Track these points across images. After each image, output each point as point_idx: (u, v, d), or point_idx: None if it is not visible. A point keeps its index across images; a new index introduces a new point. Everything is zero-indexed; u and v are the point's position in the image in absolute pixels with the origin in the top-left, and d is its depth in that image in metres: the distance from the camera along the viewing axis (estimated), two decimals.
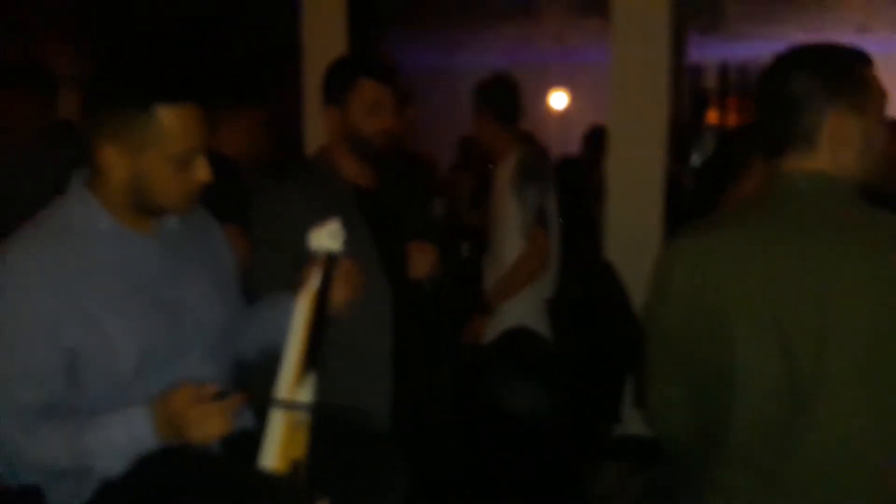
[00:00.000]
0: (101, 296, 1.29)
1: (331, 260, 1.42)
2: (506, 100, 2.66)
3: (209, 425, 1.20)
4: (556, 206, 2.61)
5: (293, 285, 1.52)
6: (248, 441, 1.35)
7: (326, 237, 1.42)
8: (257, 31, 6.05)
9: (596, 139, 5.34)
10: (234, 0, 5.50)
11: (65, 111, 3.04)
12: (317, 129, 3.08)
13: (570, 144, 6.27)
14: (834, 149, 1.19)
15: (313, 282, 1.39)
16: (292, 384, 1.29)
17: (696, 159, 4.84)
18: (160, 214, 1.39)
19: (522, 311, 2.58)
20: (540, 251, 2.54)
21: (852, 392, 1.13)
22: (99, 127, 1.29)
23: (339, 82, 1.88)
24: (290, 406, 1.27)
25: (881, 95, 1.22)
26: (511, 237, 2.57)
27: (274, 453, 1.24)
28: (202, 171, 1.34)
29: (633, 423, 2.78)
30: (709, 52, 8.42)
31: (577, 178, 4.18)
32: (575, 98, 9.23)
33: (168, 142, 1.28)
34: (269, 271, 1.76)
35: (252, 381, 1.49)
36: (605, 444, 2.91)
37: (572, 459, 2.67)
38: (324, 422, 1.30)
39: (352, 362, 1.71)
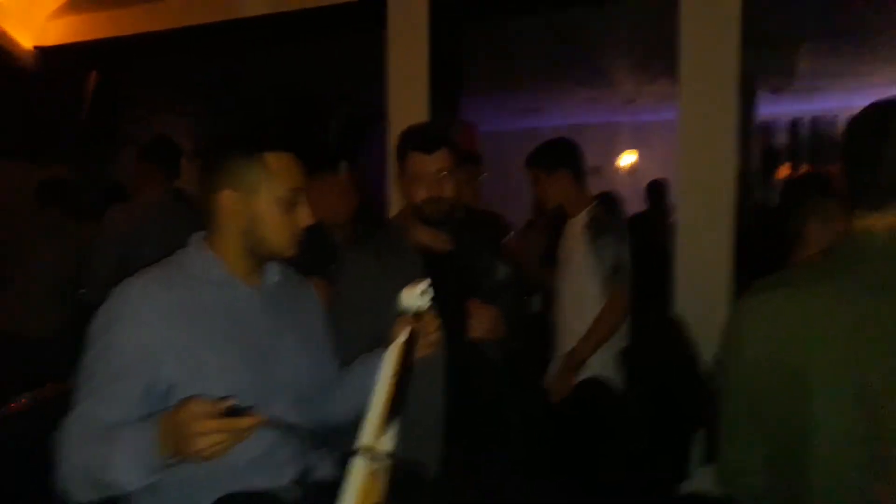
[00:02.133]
0: (203, 333, 1.37)
1: (418, 317, 1.48)
2: (580, 159, 2.76)
3: (210, 440, 1.09)
4: (629, 259, 2.61)
5: (376, 342, 1.55)
6: (326, 489, 1.36)
7: (416, 296, 1.49)
8: (350, 101, 6.32)
9: (656, 191, 5.31)
10: (329, 76, 5.75)
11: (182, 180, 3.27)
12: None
13: (640, 201, 6.20)
14: None
15: (402, 336, 1.44)
16: (377, 433, 1.29)
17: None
18: (268, 257, 1.50)
19: (599, 362, 2.57)
20: (621, 305, 2.55)
21: None
22: (218, 176, 1.45)
23: (398, 156, 1.96)
24: (371, 454, 1.26)
25: None
26: (588, 291, 2.58)
27: (353, 501, 1.23)
28: (304, 216, 1.47)
29: (702, 481, 2.65)
30: (780, 109, 8.21)
31: (647, 231, 4.11)
32: (645, 156, 9.13)
33: (275, 183, 1.43)
34: (349, 331, 1.79)
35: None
36: (674, 501, 2.78)
37: None
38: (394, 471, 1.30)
39: (405, 419, 1.70)
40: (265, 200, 1.43)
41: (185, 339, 1.35)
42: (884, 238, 1.12)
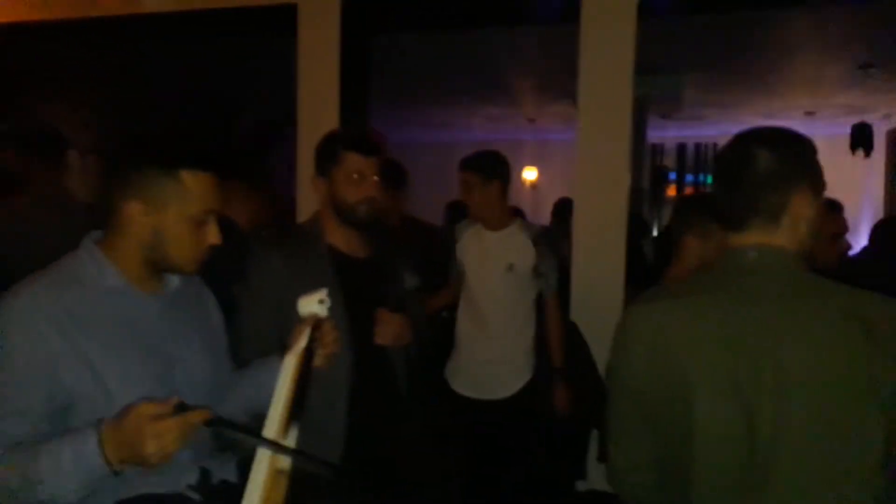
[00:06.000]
0: (101, 343, 1.30)
1: (317, 323, 1.46)
2: (509, 173, 2.76)
3: (165, 441, 1.09)
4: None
5: (278, 345, 1.53)
6: (227, 492, 1.33)
7: (315, 304, 1.48)
8: (257, 107, 6.18)
9: (564, 210, 5.49)
10: (237, 78, 5.61)
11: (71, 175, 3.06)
12: (309, 196, 3.12)
13: (540, 214, 6.38)
14: (793, 226, 1.19)
15: (301, 342, 1.42)
16: (278, 435, 1.27)
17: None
18: (170, 271, 1.43)
19: (534, 364, 2.72)
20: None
21: (808, 451, 1.11)
22: (126, 186, 1.36)
23: (325, 155, 1.91)
24: (276, 447, 1.23)
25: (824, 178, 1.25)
26: (528, 299, 2.71)
27: (255, 501, 1.20)
28: (213, 235, 1.41)
29: (598, 479, 2.75)
30: (668, 134, 8.69)
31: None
32: (545, 173, 9.45)
33: (188, 202, 1.36)
34: (251, 329, 1.76)
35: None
36: (571, 499, 2.87)
37: None
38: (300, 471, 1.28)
39: (306, 422, 1.68)
40: (174, 218, 1.36)
41: (82, 349, 1.28)
42: (747, 255, 1.20)
